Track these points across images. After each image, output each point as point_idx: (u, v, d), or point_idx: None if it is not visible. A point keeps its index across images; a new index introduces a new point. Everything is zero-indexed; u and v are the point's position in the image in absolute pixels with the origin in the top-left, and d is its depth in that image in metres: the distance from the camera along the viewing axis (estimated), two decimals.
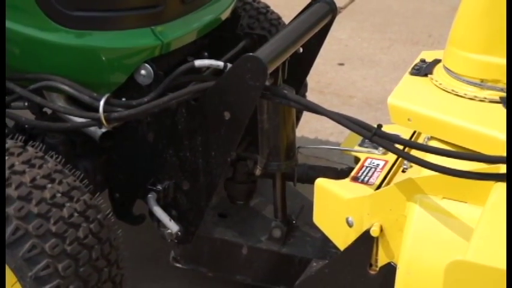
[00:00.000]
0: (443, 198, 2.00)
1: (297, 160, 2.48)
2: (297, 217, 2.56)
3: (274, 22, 3.05)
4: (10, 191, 2.01)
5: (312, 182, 2.32)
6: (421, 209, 2.01)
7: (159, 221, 2.41)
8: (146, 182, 2.44)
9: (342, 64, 4.51)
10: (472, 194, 1.91)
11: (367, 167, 2.31)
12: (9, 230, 1.98)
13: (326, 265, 2.32)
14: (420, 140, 2.21)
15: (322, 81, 3.97)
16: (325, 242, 2.32)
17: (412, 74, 2.31)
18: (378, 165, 2.31)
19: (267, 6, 3.11)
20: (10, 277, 2.06)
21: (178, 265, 2.56)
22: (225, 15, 2.59)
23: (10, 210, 1.99)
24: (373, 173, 2.28)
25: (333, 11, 2.63)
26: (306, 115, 3.06)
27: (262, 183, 2.64)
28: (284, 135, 2.42)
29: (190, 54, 2.46)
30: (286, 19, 2.90)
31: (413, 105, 2.13)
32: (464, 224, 1.93)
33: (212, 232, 2.53)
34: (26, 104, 2.40)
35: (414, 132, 2.31)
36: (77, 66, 2.27)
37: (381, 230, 2.10)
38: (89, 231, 2.09)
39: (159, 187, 2.42)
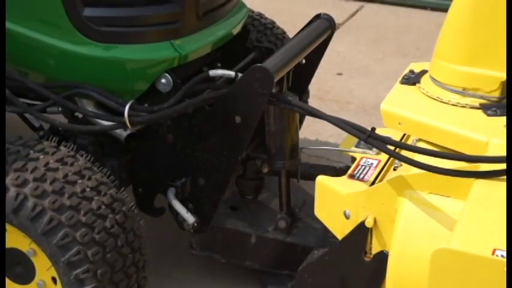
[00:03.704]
0: (430, 193, 2.00)
1: (300, 159, 2.48)
2: (300, 210, 2.56)
3: (279, 36, 3.04)
4: (45, 186, 2.02)
5: (313, 179, 2.32)
6: (410, 203, 2.01)
7: (177, 213, 2.42)
8: (166, 179, 2.45)
9: (340, 74, 4.51)
10: (455, 189, 1.92)
11: (362, 165, 2.31)
12: (44, 220, 1.99)
13: (326, 253, 2.32)
14: (409, 142, 2.20)
15: (322, 89, 3.97)
16: (325, 232, 2.31)
17: (402, 83, 2.31)
18: (372, 164, 2.31)
19: (273, 22, 3.11)
20: (45, 262, 2.07)
21: (194, 252, 2.56)
22: (236, 30, 2.59)
23: (45, 203, 2.00)
24: (368, 171, 2.27)
25: (332, 27, 2.63)
26: (308, 119, 3.06)
27: (269, 180, 2.64)
28: (289, 137, 2.42)
29: (205, 65, 2.47)
30: (290, 34, 2.91)
31: (403, 111, 2.13)
32: (448, 216, 1.93)
33: (224, 223, 2.53)
34: (60, 109, 2.39)
35: (404, 134, 2.30)
36: (105, 76, 2.27)
37: (375, 221, 2.10)
38: (115, 222, 2.09)
39: (178, 183, 2.43)
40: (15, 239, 2.14)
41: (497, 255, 1.53)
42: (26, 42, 2.27)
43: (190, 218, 2.40)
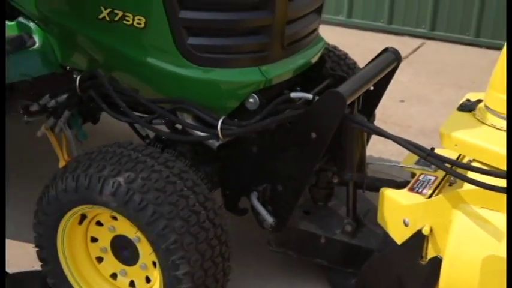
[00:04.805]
0: (482, 207, 1.98)
1: (366, 173, 2.47)
2: (364, 217, 2.54)
3: (351, 66, 3.04)
4: (151, 184, 2.07)
5: (377, 190, 2.33)
6: (463, 215, 1.99)
7: (258, 214, 2.43)
8: (250, 184, 2.46)
9: (402, 101, 4.47)
10: (504, 204, 1.89)
11: (421, 181, 2.29)
12: (148, 212, 2.04)
13: (386, 255, 2.31)
14: (464, 161, 2.18)
15: (386, 113, 3.94)
16: (386, 237, 2.29)
17: (459, 110, 2.29)
18: (430, 180, 2.29)
19: (345, 54, 3.10)
20: (148, 248, 2.12)
21: (271, 248, 2.56)
22: (314, 60, 2.59)
23: (150, 198, 2.05)
24: (426, 185, 2.25)
25: (398, 60, 2.62)
26: (373, 139, 3.04)
27: (338, 190, 2.62)
28: (357, 152, 2.41)
29: (286, 88, 2.47)
30: (361, 64, 2.91)
31: (460, 134, 2.12)
32: (497, 228, 1.91)
33: (298, 224, 2.53)
34: (164, 121, 2.43)
35: (459, 155, 2.28)
36: (203, 94, 2.30)
37: (431, 230, 2.09)
38: (206, 218, 2.12)
39: (260, 188, 2.44)
40: (125, 228, 2.21)
41: None
42: (139, 64, 2.32)
43: (269, 219, 2.41)
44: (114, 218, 2.21)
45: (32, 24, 2.46)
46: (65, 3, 2.38)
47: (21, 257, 2.66)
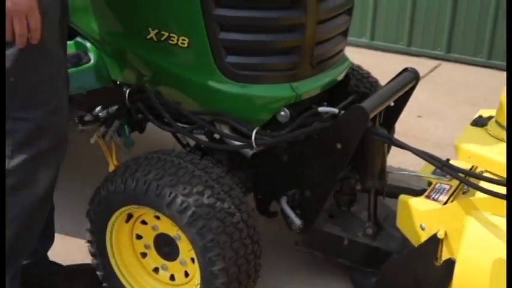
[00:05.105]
0: (492, 214, 1.96)
1: (386, 181, 2.46)
2: (384, 221, 2.53)
3: (373, 84, 3.03)
4: (191, 188, 2.08)
5: (396, 197, 2.32)
6: (475, 221, 1.98)
7: (287, 216, 2.43)
8: (280, 189, 2.46)
9: (420, 116, 4.43)
10: None
11: (437, 189, 2.28)
12: (188, 213, 2.05)
13: (404, 256, 2.30)
14: (477, 172, 2.17)
15: (405, 127, 3.91)
16: (404, 240, 2.28)
17: (472, 125, 2.28)
18: (445, 188, 2.27)
19: (368, 73, 3.10)
20: (187, 245, 2.14)
21: (299, 248, 2.56)
22: (340, 77, 2.59)
23: (190, 200, 2.06)
24: (441, 193, 2.24)
25: (416, 78, 2.60)
26: (392, 151, 3.01)
27: (360, 196, 2.62)
28: (378, 162, 2.40)
29: (314, 103, 2.47)
30: (382, 82, 2.90)
31: (473, 147, 2.11)
32: (506, 234, 1.89)
33: (323, 227, 2.53)
34: (203, 131, 2.45)
35: (472, 166, 2.27)
36: (239, 107, 2.31)
37: (445, 234, 2.08)
38: (240, 219, 2.12)
39: (289, 193, 2.44)
40: (167, 227, 2.22)
41: None
42: (181, 80, 2.35)
43: (297, 221, 2.41)
44: (157, 217, 2.23)
45: (87, 43, 2.51)
46: (117, 25, 2.42)
47: (75, 251, 2.70)
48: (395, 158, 3.34)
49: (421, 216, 2.17)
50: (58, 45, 1.97)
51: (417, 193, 2.32)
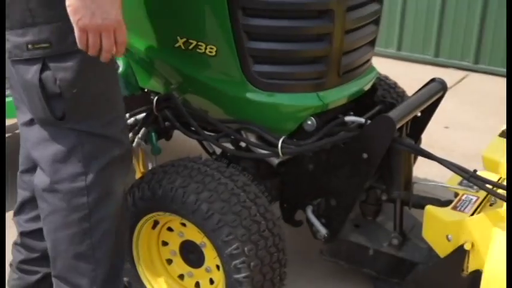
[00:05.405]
0: None
1: (412, 191, 2.46)
2: (410, 232, 2.52)
3: (400, 94, 3.02)
4: (217, 195, 2.10)
5: (422, 208, 2.30)
6: (502, 233, 1.96)
7: (312, 225, 2.44)
8: (305, 198, 2.47)
9: (447, 127, 4.42)
10: None
11: (464, 200, 2.26)
12: (214, 221, 2.06)
13: (430, 267, 2.28)
14: (504, 183, 2.15)
15: (432, 138, 3.87)
16: (430, 251, 2.27)
17: (500, 136, 2.27)
18: (472, 199, 2.26)
19: (395, 83, 3.09)
20: (213, 252, 2.15)
21: (324, 257, 2.56)
22: (367, 87, 2.59)
23: (216, 207, 2.07)
24: (468, 205, 2.23)
25: (444, 89, 2.60)
26: (418, 162, 3.00)
27: (386, 206, 2.61)
28: (404, 172, 2.40)
29: (341, 112, 2.47)
30: (409, 92, 2.90)
31: (500, 158, 2.10)
32: None
33: (349, 236, 2.52)
34: (230, 139, 2.47)
35: (500, 177, 2.25)
36: (265, 116, 2.32)
37: (472, 245, 2.06)
38: (266, 227, 2.13)
39: (314, 202, 2.45)
40: (193, 234, 2.24)
41: None
42: (209, 88, 2.37)
43: (322, 230, 2.41)
44: (183, 224, 2.25)
45: None
46: (145, 33, 2.45)
47: None
48: (422, 169, 3.33)
49: (448, 227, 2.15)
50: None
51: (443, 204, 2.31)
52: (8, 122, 3.03)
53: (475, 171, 2.17)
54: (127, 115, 2.64)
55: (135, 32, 2.45)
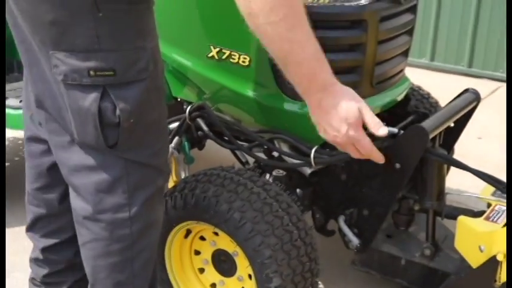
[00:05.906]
0: None
1: (445, 202, 2.45)
2: (442, 242, 2.51)
3: (433, 104, 3.02)
4: (249, 204, 2.12)
5: (454, 218, 2.28)
6: None
7: (345, 235, 2.44)
8: (338, 208, 2.47)
9: (480, 138, 4.39)
10: None
11: (496, 211, 2.24)
12: (247, 230, 2.08)
13: (462, 278, 2.26)
14: None
15: (465, 148, 3.86)
16: (462, 262, 2.25)
17: None
18: (504, 210, 2.25)
19: (428, 93, 3.09)
20: (245, 261, 2.17)
21: (356, 267, 2.56)
22: (400, 98, 2.60)
23: (248, 216, 2.09)
24: (501, 215, 2.21)
25: (477, 100, 2.58)
26: (451, 172, 2.98)
27: (418, 216, 2.61)
28: (437, 183, 2.40)
29: None
30: (442, 103, 2.89)
31: None
32: None
33: (381, 247, 2.52)
34: (262, 148, 2.48)
35: None
36: (298, 126, 2.33)
37: (504, 256, 2.05)
38: (298, 236, 2.14)
39: (347, 212, 2.45)
40: (225, 243, 2.27)
41: None
42: (241, 98, 2.39)
43: (354, 240, 2.41)
44: (216, 233, 2.28)
45: None
46: (178, 43, 2.48)
47: None
48: (454, 179, 3.30)
49: (480, 237, 2.13)
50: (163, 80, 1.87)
51: (476, 214, 2.30)
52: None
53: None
54: None
55: (168, 41, 2.48)
